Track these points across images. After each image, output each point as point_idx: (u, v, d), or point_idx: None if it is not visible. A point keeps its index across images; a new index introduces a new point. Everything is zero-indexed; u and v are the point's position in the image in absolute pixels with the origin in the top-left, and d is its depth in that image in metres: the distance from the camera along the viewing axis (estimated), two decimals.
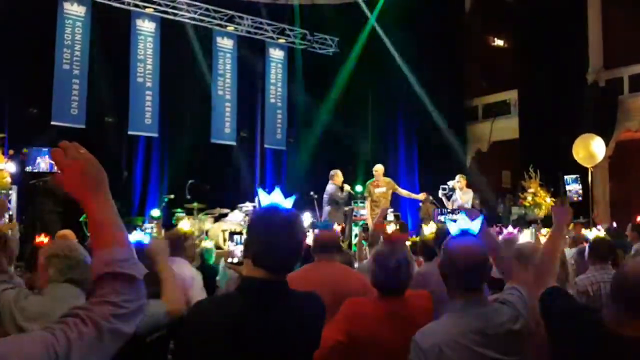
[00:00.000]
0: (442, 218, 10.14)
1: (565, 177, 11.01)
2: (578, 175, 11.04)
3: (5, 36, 9.89)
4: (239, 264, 2.50)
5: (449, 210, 9.99)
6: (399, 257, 2.55)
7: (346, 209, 9.87)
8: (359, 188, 10.22)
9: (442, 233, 4.49)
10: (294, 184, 14.36)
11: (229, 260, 4.36)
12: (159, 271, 2.66)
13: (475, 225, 2.06)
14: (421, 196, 10.37)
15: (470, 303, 1.97)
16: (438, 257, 2.94)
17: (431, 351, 1.85)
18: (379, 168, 10.06)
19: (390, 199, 10.31)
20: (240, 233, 5.17)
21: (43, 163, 9.17)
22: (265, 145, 14.24)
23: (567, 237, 5.94)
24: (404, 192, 10.09)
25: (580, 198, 10.86)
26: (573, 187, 11.05)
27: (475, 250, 1.99)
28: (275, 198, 1.79)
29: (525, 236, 5.64)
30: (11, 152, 7.77)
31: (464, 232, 2.04)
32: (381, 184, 9.86)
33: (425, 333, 1.93)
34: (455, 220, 2.10)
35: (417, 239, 5.53)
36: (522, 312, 2.05)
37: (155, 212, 10.34)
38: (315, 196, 10.68)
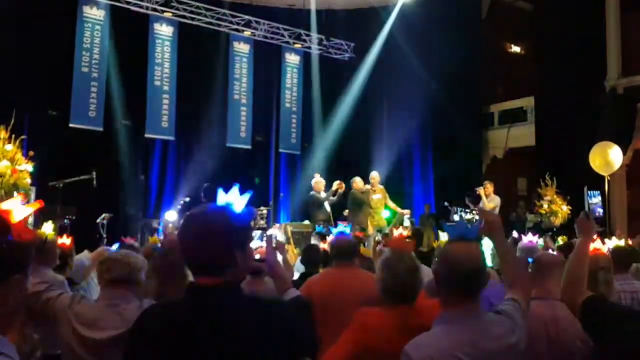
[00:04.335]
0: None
1: (589, 191, 10.77)
2: (599, 191, 10.85)
3: (25, 39, 10.04)
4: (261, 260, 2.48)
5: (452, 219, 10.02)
6: (407, 263, 2.45)
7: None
8: None
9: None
10: (309, 188, 14.39)
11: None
12: None
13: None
14: (406, 212, 10.35)
15: (466, 313, 1.85)
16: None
17: None
18: (375, 175, 10.01)
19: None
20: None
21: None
22: (280, 150, 14.28)
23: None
24: (391, 205, 10.01)
25: (602, 212, 10.60)
26: (597, 200, 10.78)
27: (475, 255, 1.88)
28: (230, 197, 1.68)
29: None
30: (31, 153, 7.79)
31: (462, 237, 1.93)
32: (377, 191, 9.84)
33: (418, 344, 1.82)
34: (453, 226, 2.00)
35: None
36: (520, 324, 1.93)
37: (171, 215, 10.42)
38: None
